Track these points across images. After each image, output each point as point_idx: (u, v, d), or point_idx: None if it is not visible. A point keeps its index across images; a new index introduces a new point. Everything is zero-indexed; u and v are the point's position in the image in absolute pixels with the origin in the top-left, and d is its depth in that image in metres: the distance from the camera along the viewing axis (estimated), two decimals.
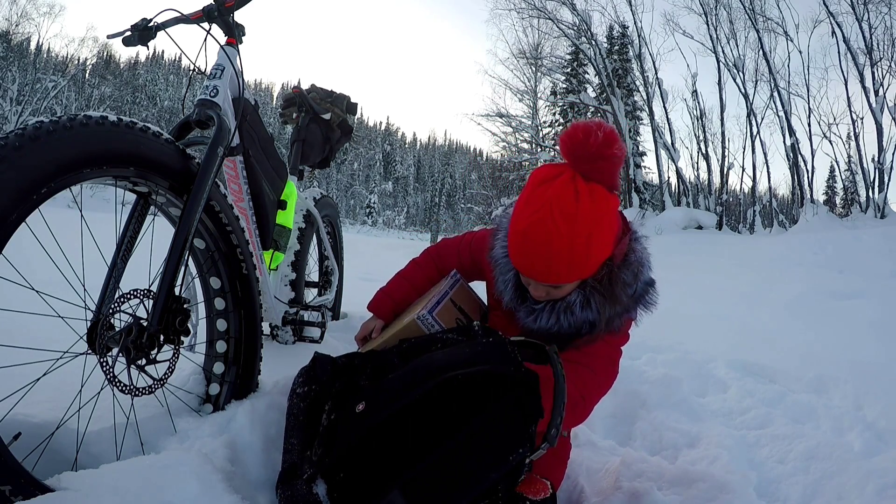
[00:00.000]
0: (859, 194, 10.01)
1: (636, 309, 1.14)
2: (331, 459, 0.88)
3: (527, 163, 17.03)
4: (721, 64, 11.99)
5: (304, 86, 2.10)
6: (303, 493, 0.90)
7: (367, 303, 1.46)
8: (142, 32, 1.28)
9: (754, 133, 11.63)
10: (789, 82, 11.24)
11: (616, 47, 16.42)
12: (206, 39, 1.20)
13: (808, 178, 10.53)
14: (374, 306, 1.42)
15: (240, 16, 1.28)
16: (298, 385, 1.08)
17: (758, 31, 11.10)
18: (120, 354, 0.96)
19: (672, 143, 12.41)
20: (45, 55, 28.87)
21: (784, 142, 10.89)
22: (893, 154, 9.38)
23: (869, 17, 9.77)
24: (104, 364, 0.95)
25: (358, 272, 4.70)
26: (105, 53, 28.01)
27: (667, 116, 12.73)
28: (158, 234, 1.11)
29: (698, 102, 12.80)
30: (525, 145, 17.89)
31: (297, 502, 0.90)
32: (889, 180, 9.34)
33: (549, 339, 1.13)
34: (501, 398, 0.85)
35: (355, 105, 2.17)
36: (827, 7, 10.01)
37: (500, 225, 1.18)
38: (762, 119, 11.63)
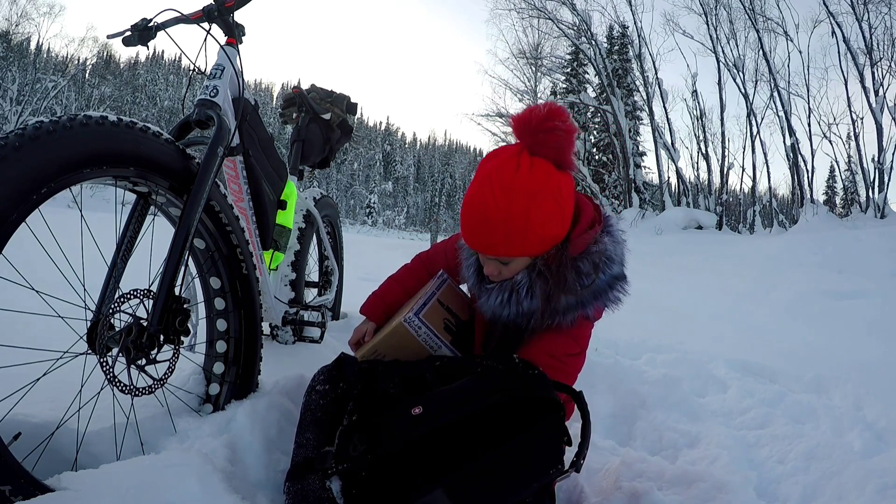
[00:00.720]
0: (859, 194, 10.01)
1: (593, 305, 1.07)
2: (374, 456, 0.90)
3: None
4: (721, 64, 12.00)
5: (304, 86, 2.10)
6: (314, 489, 0.90)
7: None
8: (142, 32, 1.28)
9: (754, 133, 11.65)
10: (789, 82, 11.26)
11: (616, 47, 16.43)
12: (206, 39, 1.20)
13: (808, 178, 10.54)
14: (366, 309, 1.41)
15: (240, 16, 1.29)
16: (319, 383, 1.09)
17: (758, 31, 11.11)
18: (120, 354, 0.96)
19: (672, 143, 12.42)
20: (45, 55, 28.87)
21: (784, 142, 10.91)
22: (893, 154, 9.39)
23: (869, 17, 9.78)
24: (104, 364, 0.95)
25: (358, 272, 4.70)
26: (105, 53, 28.02)
27: (667, 116, 12.77)
28: (158, 234, 1.11)
29: (698, 102, 12.83)
30: None
31: (307, 498, 0.90)
32: (889, 180, 9.34)
33: (505, 333, 1.15)
34: (547, 418, 0.94)
35: (355, 105, 2.17)
36: (827, 7, 10.02)
37: None
38: (762, 119, 11.66)
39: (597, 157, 18.64)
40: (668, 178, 12.90)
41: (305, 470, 0.94)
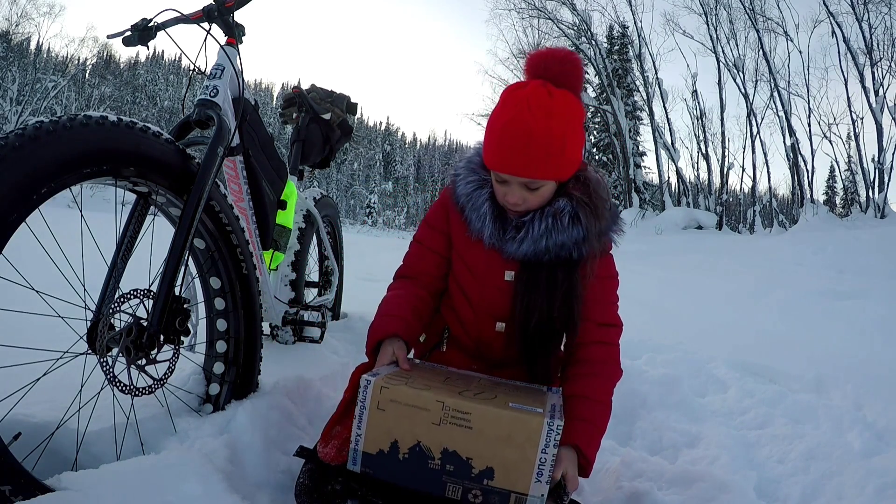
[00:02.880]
0: (859, 194, 10.02)
1: (612, 228, 1.11)
2: None
3: None
4: (721, 64, 12.01)
5: (304, 86, 2.10)
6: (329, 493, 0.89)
7: (367, 303, 1.43)
8: (142, 32, 1.28)
9: (754, 133, 11.67)
10: (789, 82, 11.27)
11: (616, 47, 16.43)
12: (206, 39, 1.20)
13: (808, 178, 10.55)
14: (379, 331, 1.09)
15: (240, 16, 1.28)
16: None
17: (758, 31, 11.11)
18: (120, 354, 0.96)
19: (672, 143, 12.43)
20: (45, 55, 28.88)
21: (784, 142, 10.92)
22: (893, 154, 9.41)
23: (869, 17, 9.78)
24: (104, 364, 0.95)
25: (358, 272, 4.69)
26: (105, 53, 28.05)
27: (667, 116, 12.79)
28: (158, 234, 1.11)
29: (698, 102, 12.84)
30: None
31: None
32: (889, 180, 9.35)
33: (533, 281, 1.06)
34: None
35: (355, 105, 2.17)
36: (827, 7, 10.03)
37: (456, 170, 1.18)
38: (762, 119, 11.68)
39: (597, 157, 18.65)
40: (668, 178, 12.92)
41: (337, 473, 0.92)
